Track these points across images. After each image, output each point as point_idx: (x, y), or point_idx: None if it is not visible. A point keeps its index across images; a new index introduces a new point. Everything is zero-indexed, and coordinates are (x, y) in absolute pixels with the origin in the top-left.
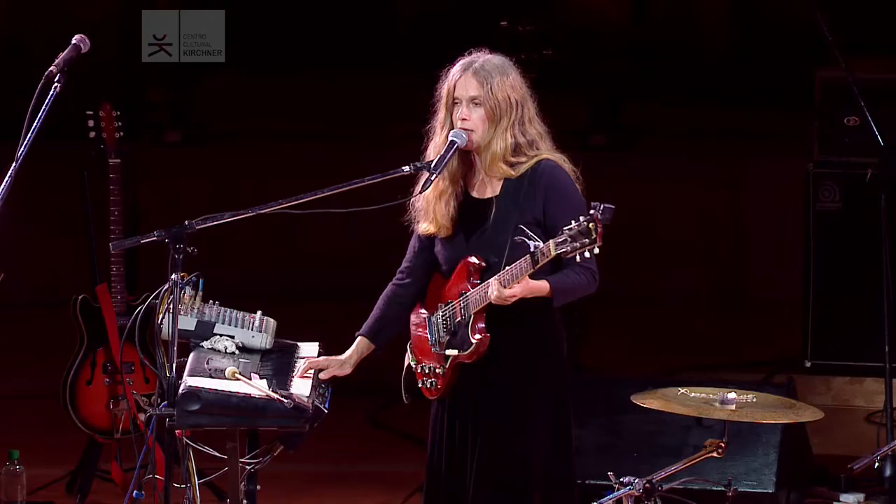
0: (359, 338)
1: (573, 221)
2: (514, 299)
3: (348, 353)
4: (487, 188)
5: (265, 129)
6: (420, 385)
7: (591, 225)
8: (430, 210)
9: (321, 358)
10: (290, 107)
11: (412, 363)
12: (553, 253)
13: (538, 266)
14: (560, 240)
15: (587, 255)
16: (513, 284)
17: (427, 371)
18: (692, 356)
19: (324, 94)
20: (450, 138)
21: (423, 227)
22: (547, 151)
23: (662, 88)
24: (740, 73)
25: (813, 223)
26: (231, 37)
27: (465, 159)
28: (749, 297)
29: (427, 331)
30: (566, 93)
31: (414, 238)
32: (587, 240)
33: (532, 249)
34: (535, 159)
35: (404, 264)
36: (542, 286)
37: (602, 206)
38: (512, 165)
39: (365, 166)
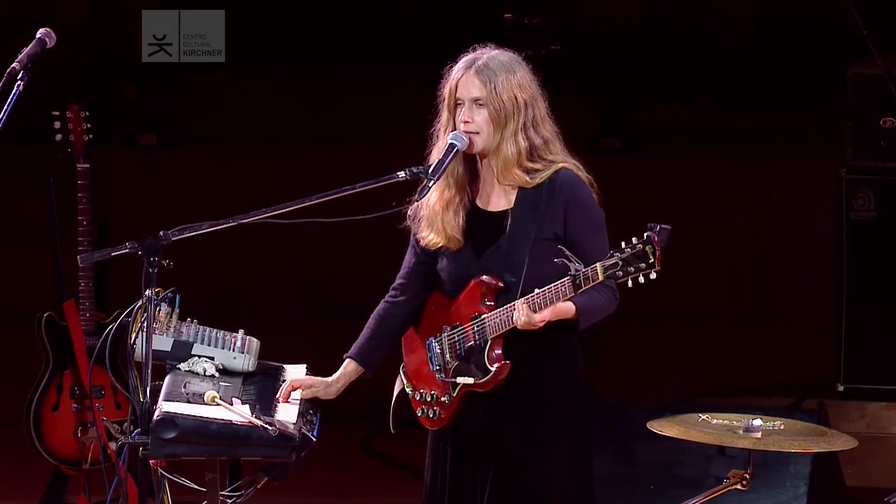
0: (346, 360)
1: (623, 244)
2: (542, 325)
3: (335, 376)
4: (499, 199)
5: (250, 130)
6: (419, 414)
7: (648, 248)
8: (437, 221)
9: (305, 377)
10: (277, 107)
11: (407, 389)
12: (601, 277)
13: (581, 291)
14: (610, 262)
15: (641, 279)
16: (543, 309)
17: (428, 399)
18: (713, 378)
19: (315, 94)
20: (449, 140)
21: (430, 238)
22: (562, 157)
23: (679, 87)
24: (763, 70)
25: (846, 233)
26: None
27: (469, 166)
28: (773, 312)
29: (428, 355)
30: (576, 91)
31: (410, 252)
32: (643, 264)
33: (573, 272)
34: (552, 168)
35: (398, 280)
36: (569, 308)
37: (659, 227)
38: (528, 172)
39: (359, 171)
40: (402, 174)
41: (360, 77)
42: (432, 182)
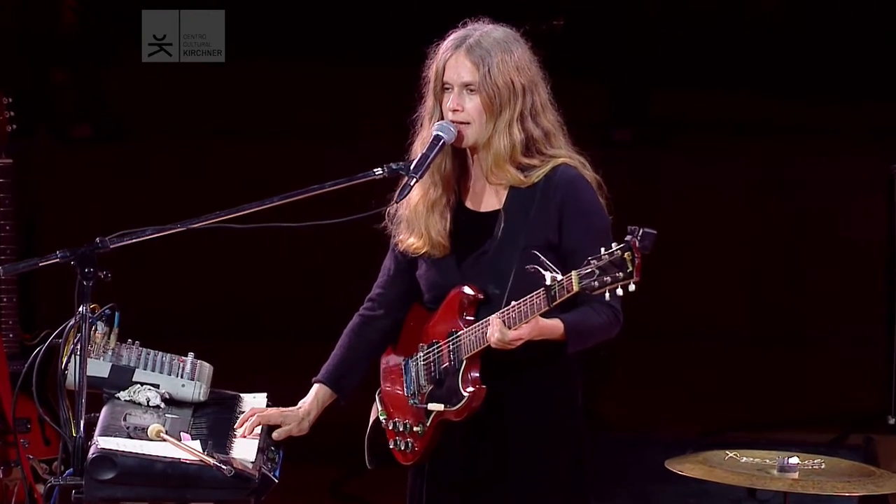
0: (317, 385)
1: (602, 249)
2: (519, 343)
3: (305, 404)
4: (490, 198)
5: (201, 121)
6: (392, 446)
7: (626, 255)
8: (419, 223)
9: (272, 410)
10: (233, 96)
11: (381, 417)
12: (576, 288)
13: (555, 304)
14: (585, 271)
15: (619, 292)
16: (520, 325)
17: (401, 429)
18: (742, 410)
19: (277, 80)
20: (434, 132)
21: (410, 242)
22: (564, 151)
23: (702, 72)
24: (801, 53)
25: None
26: None
27: (458, 160)
28: (813, 333)
29: (403, 378)
30: (582, 75)
31: (389, 258)
32: (621, 273)
33: (548, 282)
34: (550, 164)
35: (375, 290)
36: (555, 327)
37: (641, 231)
38: (523, 169)
39: (327, 167)
40: (379, 171)
41: (329, 62)
42: (415, 180)
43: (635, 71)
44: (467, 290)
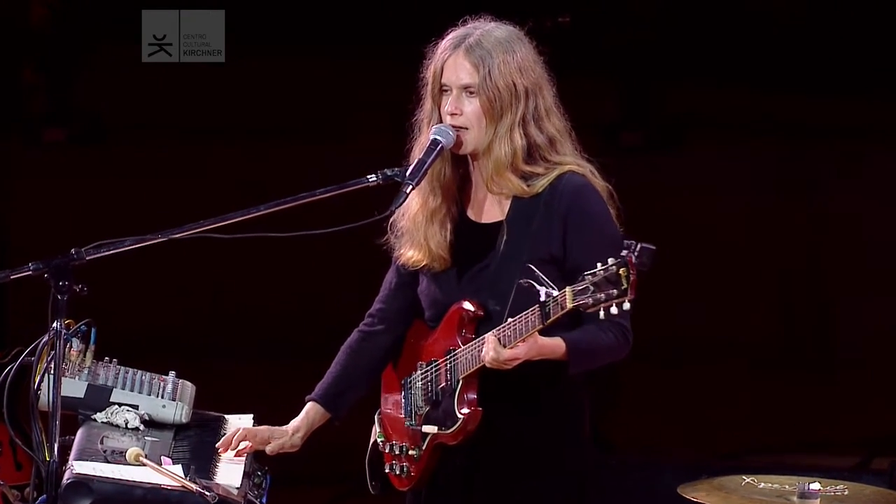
0: (309, 403)
1: (599, 264)
2: (516, 363)
3: (295, 422)
4: (492, 208)
5: (182, 123)
6: (388, 470)
7: (621, 271)
8: (419, 234)
9: (260, 427)
10: (216, 95)
11: (379, 440)
12: (570, 305)
13: (550, 321)
14: (580, 288)
15: (614, 310)
16: (516, 343)
17: (398, 452)
18: (760, 432)
19: (264, 77)
20: (431, 136)
21: (410, 254)
22: (571, 158)
23: (719, 68)
24: (825, 47)
25: None
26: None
27: (459, 167)
28: (836, 350)
29: (402, 398)
30: (590, 75)
31: (392, 272)
32: (615, 290)
33: (543, 298)
34: (556, 172)
35: (376, 306)
36: (556, 346)
37: (638, 247)
38: (526, 178)
39: (319, 172)
40: (373, 178)
41: (320, 58)
42: (411, 187)
43: (646, 67)
44: (467, 305)
